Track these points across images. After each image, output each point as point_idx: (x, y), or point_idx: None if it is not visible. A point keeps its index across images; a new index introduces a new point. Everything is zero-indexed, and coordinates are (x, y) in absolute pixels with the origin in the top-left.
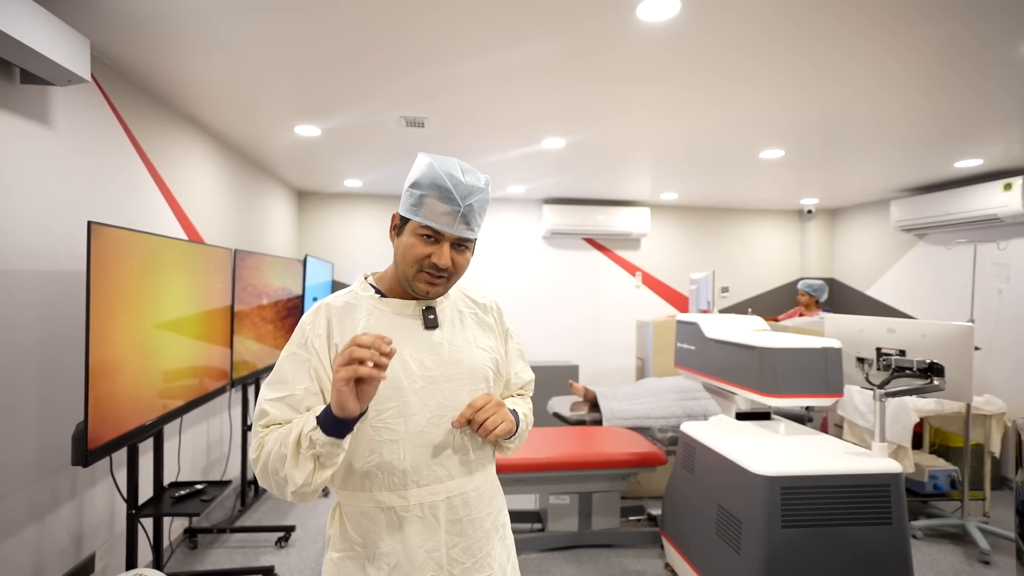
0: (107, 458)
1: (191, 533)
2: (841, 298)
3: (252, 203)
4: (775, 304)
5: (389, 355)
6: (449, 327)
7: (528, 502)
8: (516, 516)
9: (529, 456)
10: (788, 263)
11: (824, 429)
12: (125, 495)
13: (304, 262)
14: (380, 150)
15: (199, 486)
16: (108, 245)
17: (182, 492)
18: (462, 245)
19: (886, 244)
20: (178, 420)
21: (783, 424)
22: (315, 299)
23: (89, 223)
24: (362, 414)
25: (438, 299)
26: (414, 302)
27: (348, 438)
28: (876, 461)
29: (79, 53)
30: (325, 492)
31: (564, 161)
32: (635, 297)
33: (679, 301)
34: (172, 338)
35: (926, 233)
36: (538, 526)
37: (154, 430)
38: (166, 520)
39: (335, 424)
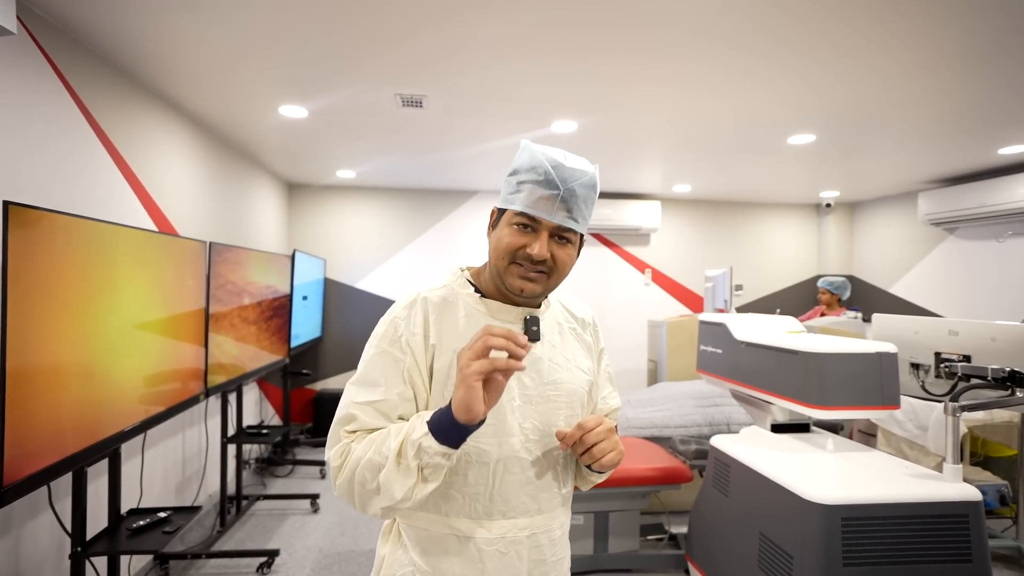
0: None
1: (162, 559)
2: (862, 296)
3: (237, 195)
4: (792, 303)
5: (525, 348)
6: (550, 341)
7: None
8: None
9: None
10: (805, 260)
11: (851, 438)
12: (69, 530)
13: (292, 258)
14: (375, 135)
15: (162, 514)
16: (34, 231)
17: (141, 523)
18: (564, 238)
19: (912, 239)
20: (140, 436)
21: (831, 439)
22: (304, 298)
23: (5, 203)
24: (482, 422)
25: (541, 308)
26: (517, 308)
27: (461, 449)
28: (951, 487)
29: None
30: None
31: (574, 149)
32: (645, 296)
33: (691, 300)
34: (129, 343)
35: (957, 227)
36: None
37: (105, 451)
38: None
39: (451, 430)
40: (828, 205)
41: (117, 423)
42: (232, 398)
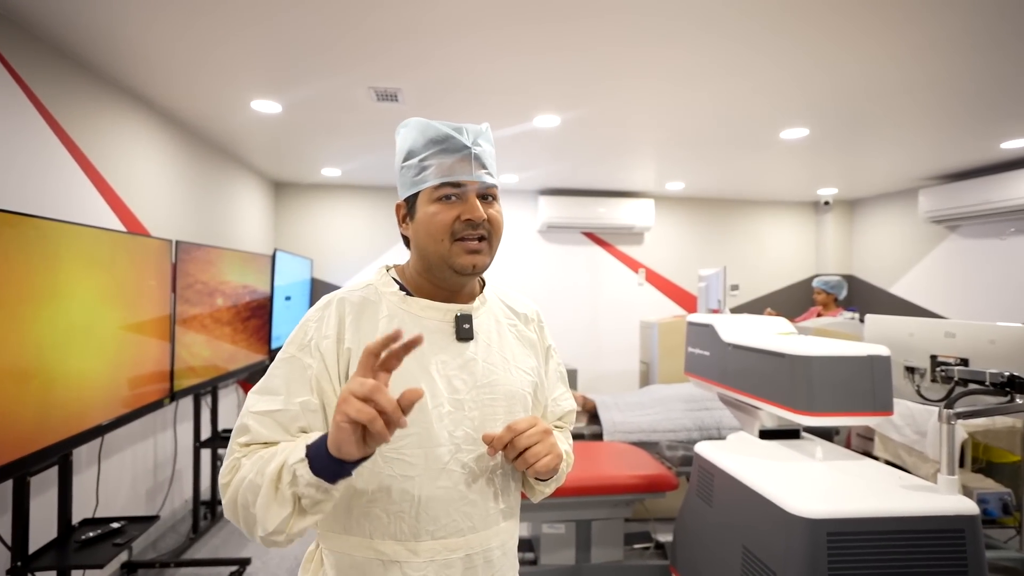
0: None
1: (130, 568)
2: (861, 297)
3: (217, 193)
4: (789, 304)
5: (393, 426)
6: (485, 340)
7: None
8: None
9: None
10: (803, 259)
11: (848, 444)
12: (8, 543)
13: (273, 257)
14: (353, 131)
15: (115, 524)
16: None
17: (90, 534)
18: (488, 196)
19: (912, 237)
20: (97, 443)
21: (819, 446)
22: (288, 298)
23: None
24: (366, 458)
25: (475, 305)
26: (446, 306)
27: (343, 484)
28: (946, 499)
29: None
30: None
31: (560, 145)
32: (638, 296)
33: (686, 300)
34: (79, 345)
35: (959, 225)
36: (530, 556)
37: (50, 459)
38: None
39: (328, 462)
40: (827, 203)
41: (65, 428)
42: (207, 401)
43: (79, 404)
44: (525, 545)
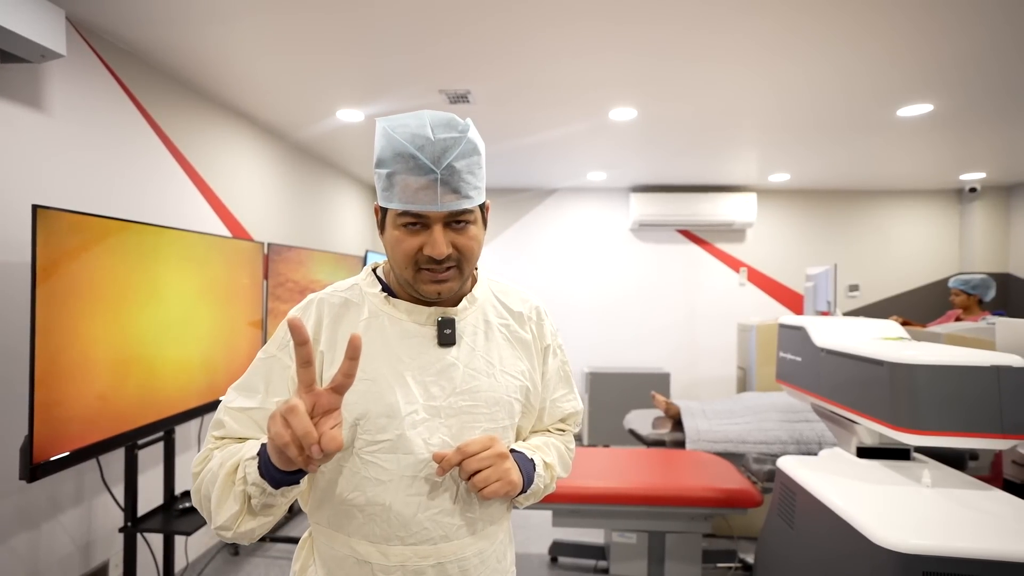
0: (98, 467)
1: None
2: (1019, 299)
3: (315, 199)
4: (923, 308)
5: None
6: (469, 343)
7: (593, 533)
8: (577, 550)
9: (586, 484)
10: (943, 256)
11: (997, 472)
12: (122, 504)
13: (364, 258)
14: None
15: None
16: (64, 233)
17: (188, 504)
18: (460, 221)
19: None
20: (197, 423)
21: (927, 470)
22: None
23: (34, 207)
24: (301, 474)
25: (461, 307)
26: (429, 308)
27: (290, 491)
28: None
29: (52, 24)
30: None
31: (645, 139)
32: (739, 296)
33: (793, 301)
34: (174, 338)
35: None
36: (603, 564)
37: (149, 436)
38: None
39: (273, 469)
40: (972, 190)
41: (167, 408)
42: None
43: (178, 389)
44: (597, 552)
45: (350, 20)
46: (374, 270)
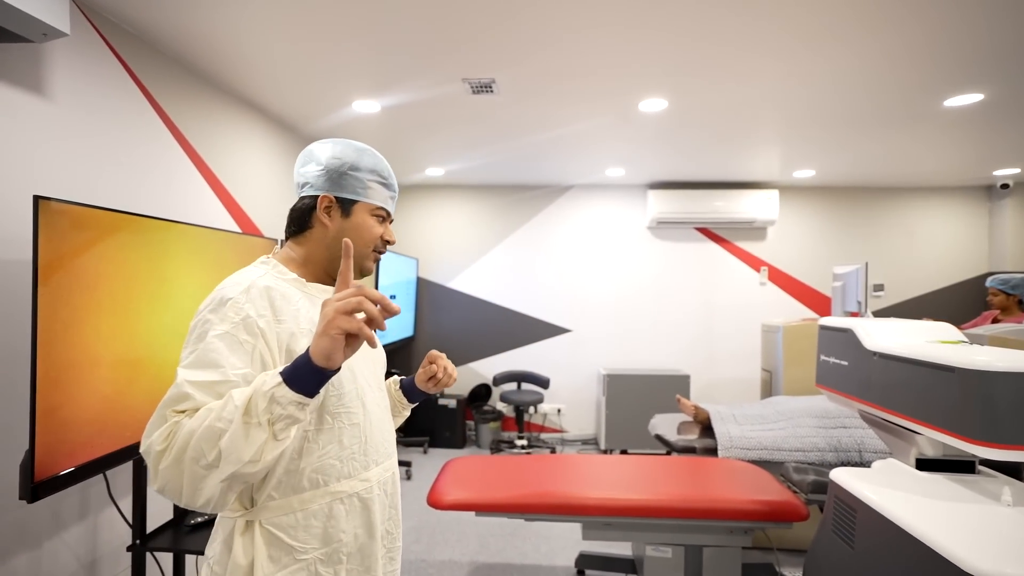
0: (104, 480)
1: None
2: None
3: None
4: (950, 308)
5: (394, 314)
6: None
7: (620, 545)
8: (606, 563)
9: (619, 496)
10: (970, 254)
11: None
12: (130, 520)
13: None
14: (450, 128)
15: None
16: (67, 226)
17: (199, 519)
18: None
19: None
20: None
21: (1008, 487)
22: (392, 297)
23: (36, 198)
24: (338, 369)
25: None
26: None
27: (316, 400)
28: None
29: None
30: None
31: (668, 133)
32: (760, 296)
33: (816, 301)
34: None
35: None
36: None
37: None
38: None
39: (309, 376)
40: (1005, 186)
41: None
42: None
43: None
44: (627, 565)
45: (367, 1)
46: (269, 262)
